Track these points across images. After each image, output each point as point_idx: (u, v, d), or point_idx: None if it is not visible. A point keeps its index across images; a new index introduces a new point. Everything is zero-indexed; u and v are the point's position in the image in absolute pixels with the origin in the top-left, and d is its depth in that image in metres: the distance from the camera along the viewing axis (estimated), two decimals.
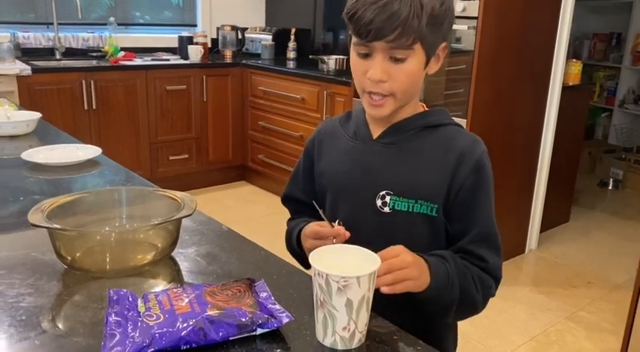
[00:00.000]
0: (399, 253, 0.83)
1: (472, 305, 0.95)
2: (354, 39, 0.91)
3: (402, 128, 0.98)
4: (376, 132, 1.00)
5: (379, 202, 0.96)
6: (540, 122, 2.96)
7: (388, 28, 0.85)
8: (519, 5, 2.61)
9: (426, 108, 1.02)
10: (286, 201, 1.16)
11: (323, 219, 0.93)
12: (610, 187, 4.37)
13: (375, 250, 0.77)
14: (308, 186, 1.09)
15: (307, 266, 1.06)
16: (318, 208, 0.95)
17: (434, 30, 0.89)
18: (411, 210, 0.95)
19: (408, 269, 0.82)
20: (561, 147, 3.12)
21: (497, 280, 0.97)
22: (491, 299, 0.98)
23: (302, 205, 1.11)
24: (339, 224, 0.94)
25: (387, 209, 0.95)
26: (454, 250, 0.96)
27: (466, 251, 0.95)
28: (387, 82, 0.90)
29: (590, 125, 4.95)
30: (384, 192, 0.96)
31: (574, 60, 3.27)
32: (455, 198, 0.94)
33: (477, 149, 0.96)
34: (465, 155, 0.94)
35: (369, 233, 0.94)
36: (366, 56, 0.91)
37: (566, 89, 3.00)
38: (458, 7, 2.51)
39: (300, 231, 1.00)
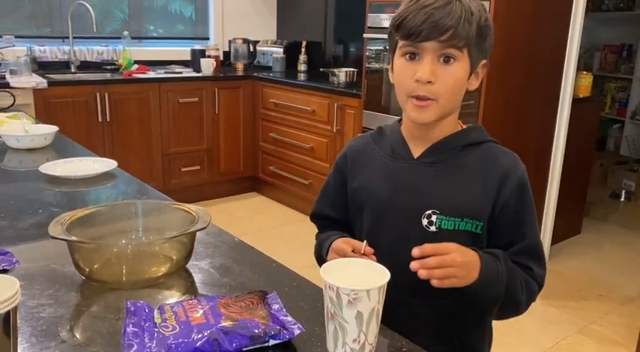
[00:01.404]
0: (452, 250, 0.86)
1: (516, 305, 0.98)
2: (400, 43, 0.93)
3: (443, 147, 0.99)
4: (416, 150, 1.00)
5: (425, 221, 0.96)
6: (551, 134, 2.96)
7: (441, 28, 0.88)
8: (529, 17, 2.62)
9: (464, 126, 1.04)
10: (316, 217, 1.16)
11: (355, 237, 0.96)
12: (622, 199, 4.35)
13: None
14: (339, 203, 1.09)
15: None
16: (364, 242, 0.93)
17: (479, 42, 0.93)
18: (456, 228, 0.96)
19: (457, 268, 0.86)
20: (572, 159, 3.11)
21: (540, 287, 1.00)
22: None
23: (331, 221, 1.11)
24: (366, 245, 0.93)
25: (433, 228, 0.96)
26: None
27: (513, 262, 0.97)
28: (435, 84, 0.91)
29: (601, 136, 4.93)
30: (430, 212, 0.96)
31: (584, 72, 3.27)
32: (500, 216, 0.96)
33: (519, 167, 0.99)
34: (509, 173, 0.97)
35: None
36: (412, 59, 0.92)
37: (576, 101, 3.01)
38: None
39: (331, 243, 1.01)
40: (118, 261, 0.91)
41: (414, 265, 0.84)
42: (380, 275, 0.74)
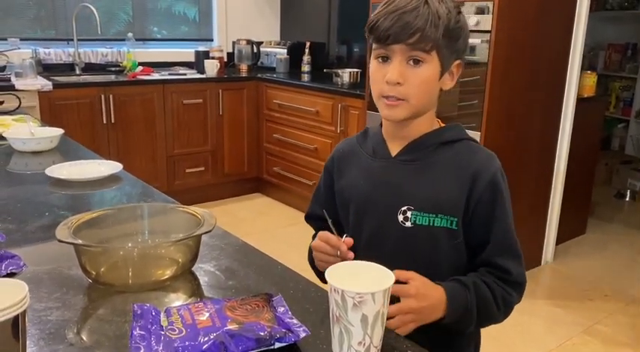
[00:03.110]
0: (411, 295, 0.89)
1: (492, 320, 1.01)
2: (374, 46, 0.97)
3: (420, 145, 1.02)
4: (394, 149, 1.04)
5: (401, 217, 0.99)
6: (555, 134, 2.96)
7: (407, 32, 0.91)
8: (533, 17, 2.62)
9: (442, 124, 1.06)
10: (310, 219, 1.20)
11: (341, 232, 0.97)
12: (627, 199, 4.33)
13: (400, 264, 0.84)
14: (329, 204, 1.12)
15: (324, 280, 1.11)
16: (327, 218, 1.00)
17: (449, 44, 0.95)
18: (431, 224, 0.98)
19: (413, 315, 0.89)
20: (577, 159, 3.11)
21: (522, 286, 1.03)
22: None
23: (325, 222, 1.13)
24: (345, 236, 0.99)
25: (408, 224, 0.99)
26: (478, 263, 1.01)
27: (490, 263, 1.00)
28: (403, 85, 0.95)
29: (606, 136, 4.92)
30: (405, 208, 0.99)
31: (589, 71, 3.26)
32: (473, 212, 0.98)
33: (492, 165, 1.00)
34: (482, 170, 0.98)
35: (392, 247, 1.00)
36: (384, 61, 0.96)
37: (580, 101, 3.00)
38: (471, 21, 2.53)
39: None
40: (125, 264, 0.91)
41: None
42: (385, 279, 0.74)
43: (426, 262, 0.98)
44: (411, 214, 0.98)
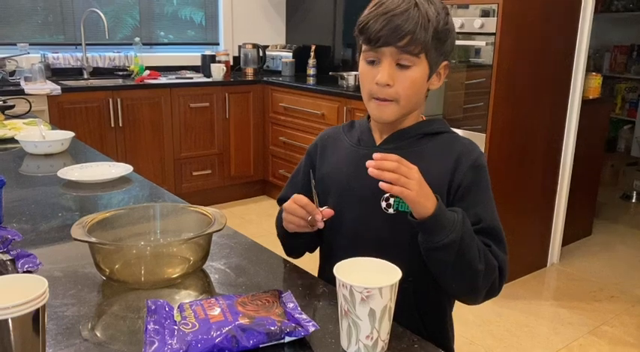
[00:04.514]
0: (413, 168, 0.88)
1: (473, 274, 0.93)
2: (364, 48, 1.00)
3: (404, 134, 1.05)
4: (379, 139, 1.07)
5: (384, 204, 1.01)
6: (560, 135, 2.97)
7: (398, 35, 0.93)
8: (537, 20, 2.64)
9: (425, 118, 1.09)
10: (282, 202, 1.16)
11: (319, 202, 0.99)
12: (633, 200, 4.33)
13: (383, 250, 0.83)
14: (307, 188, 1.10)
15: (290, 251, 1.14)
16: (312, 179, 1.01)
17: (437, 45, 0.98)
18: None
19: (411, 181, 0.87)
20: (582, 161, 3.12)
21: (501, 270, 0.97)
22: (512, 313, 1.02)
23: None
24: (325, 208, 0.98)
25: (391, 210, 1.00)
26: None
27: None
28: (393, 86, 0.97)
29: (612, 137, 4.92)
30: (387, 194, 1.00)
31: (594, 73, 3.27)
32: (455, 196, 1.00)
33: (475, 151, 1.03)
34: (463, 155, 1.01)
35: (376, 233, 1.01)
36: (373, 63, 0.99)
37: (586, 102, 3.01)
38: (476, 24, 2.55)
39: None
40: (138, 262, 0.94)
41: (370, 163, 0.86)
42: (392, 274, 0.76)
43: (409, 248, 0.97)
44: (394, 201, 1.00)
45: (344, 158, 1.09)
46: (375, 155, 0.87)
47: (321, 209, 0.98)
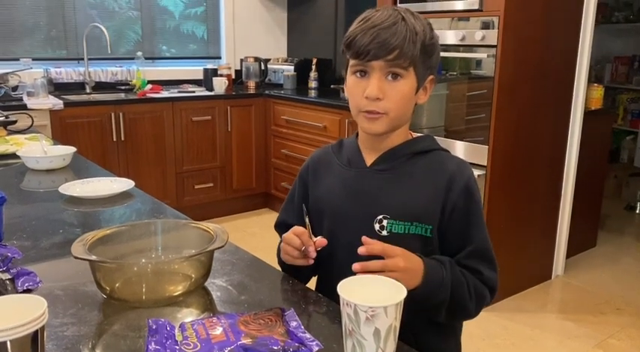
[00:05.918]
0: (397, 254, 0.89)
1: (464, 311, 1.00)
2: (352, 62, 0.99)
3: (393, 155, 1.05)
4: (369, 159, 1.06)
5: (377, 226, 1.01)
6: (563, 147, 2.96)
7: (386, 49, 0.94)
8: (539, 31, 2.64)
9: (414, 135, 1.09)
10: (279, 227, 1.20)
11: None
12: (637, 211, 4.31)
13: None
14: (302, 214, 1.11)
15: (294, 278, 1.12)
16: (305, 211, 1.01)
17: (424, 59, 0.98)
18: (407, 231, 1.00)
19: (399, 273, 0.87)
20: (585, 172, 3.10)
21: (492, 290, 1.02)
22: (517, 326, 1.03)
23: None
24: (319, 237, 1.00)
25: (384, 232, 1.01)
26: None
27: (462, 265, 1.00)
28: (383, 100, 0.97)
29: (615, 148, 4.90)
30: (381, 217, 1.01)
31: (595, 84, 3.27)
32: (449, 219, 1.00)
33: (466, 172, 1.03)
34: (456, 177, 1.01)
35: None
36: (362, 75, 0.98)
37: (588, 113, 3.01)
38: (477, 36, 2.55)
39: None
40: (139, 280, 0.93)
41: (356, 266, 0.87)
42: (397, 292, 0.75)
43: None
44: (387, 222, 1.00)
45: (336, 180, 1.09)
46: (360, 250, 0.89)
47: (314, 239, 0.98)
